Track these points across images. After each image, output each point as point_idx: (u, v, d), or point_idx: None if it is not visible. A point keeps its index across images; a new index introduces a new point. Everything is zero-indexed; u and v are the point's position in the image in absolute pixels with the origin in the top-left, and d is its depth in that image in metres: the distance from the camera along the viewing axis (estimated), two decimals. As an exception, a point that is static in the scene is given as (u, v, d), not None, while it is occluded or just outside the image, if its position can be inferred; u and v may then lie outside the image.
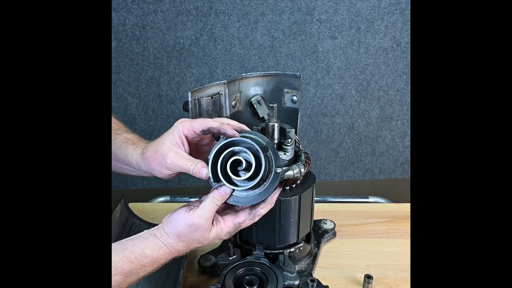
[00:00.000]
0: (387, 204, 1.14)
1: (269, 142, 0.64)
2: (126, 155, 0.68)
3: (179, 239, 0.63)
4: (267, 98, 0.82)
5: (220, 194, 0.63)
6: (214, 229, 0.64)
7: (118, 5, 1.23)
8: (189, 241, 0.63)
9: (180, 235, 0.63)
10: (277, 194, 0.66)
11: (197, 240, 0.63)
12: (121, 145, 0.70)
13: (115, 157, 0.70)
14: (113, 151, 0.70)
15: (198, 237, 0.63)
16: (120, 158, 0.69)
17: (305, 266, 0.82)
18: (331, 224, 0.93)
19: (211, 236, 0.64)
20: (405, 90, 1.42)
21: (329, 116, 1.44)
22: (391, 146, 1.51)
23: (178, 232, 0.63)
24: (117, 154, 0.70)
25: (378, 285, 0.79)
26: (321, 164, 1.53)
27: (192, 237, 0.63)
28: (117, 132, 0.73)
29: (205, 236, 0.63)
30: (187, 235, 0.63)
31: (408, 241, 0.90)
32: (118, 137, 0.71)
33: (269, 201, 0.65)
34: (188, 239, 0.63)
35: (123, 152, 0.69)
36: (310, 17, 1.29)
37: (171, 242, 0.63)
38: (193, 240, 0.63)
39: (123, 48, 1.28)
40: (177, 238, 0.63)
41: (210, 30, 1.28)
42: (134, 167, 0.69)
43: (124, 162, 0.70)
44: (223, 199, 0.63)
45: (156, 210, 1.02)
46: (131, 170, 0.71)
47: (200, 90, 0.73)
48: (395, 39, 1.34)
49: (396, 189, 1.53)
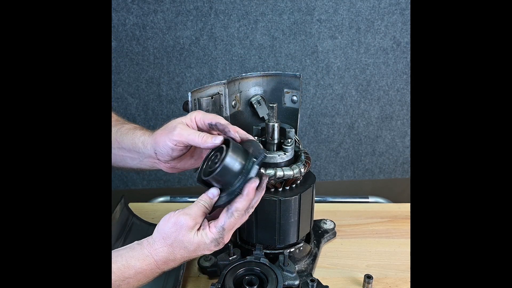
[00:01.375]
0: (387, 204, 1.14)
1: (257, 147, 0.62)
2: (133, 138, 0.68)
3: (164, 242, 0.61)
4: (267, 98, 0.82)
5: (207, 196, 0.62)
6: (199, 233, 0.61)
7: (118, 5, 1.23)
8: (174, 244, 0.61)
9: (166, 236, 0.61)
10: (254, 185, 0.60)
11: (181, 243, 0.61)
12: (129, 131, 0.70)
13: (118, 144, 0.69)
14: (117, 139, 0.69)
15: (182, 237, 0.60)
16: (125, 144, 0.69)
17: (305, 266, 0.82)
18: (331, 224, 0.93)
19: (195, 239, 0.60)
20: (405, 90, 1.42)
21: (329, 116, 1.44)
22: (391, 146, 1.51)
23: (164, 234, 0.61)
24: (122, 141, 0.69)
25: (378, 285, 0.79)
26: (321, 164, 1.53)
27: (177, 238, 0.60)
28: (124, 123, 0.74)
29: (189, 237, 0.60)
30: (172, 236, 0.60)
31: (408, 241, 0.90)
32: (126, 125, 0.72)
33: (245, 193, 0.60)
34: (173, 241, 0.60)
35: (131, 136, 0.69)
36: (310, 17, 1.29)
37: (156, 248, 0.61)
38: (178, 242, 0.61)
39: (123, 48, 1.28)
40: (162, 241, 0.61)
41: (210, 30, 1.28)
42: (139, 150, 0.67)
43: (128, 148, 0.69)
44: (210, 201, 0.62)
45: (156, 210, 1.02)
46: (132, 158, 0.70)
47: (200, 90, 0.73)
48: (395, 39, 1.34)
49: (396, 189, 1.53)
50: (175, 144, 0.63)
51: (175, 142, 0.63)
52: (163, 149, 0.64)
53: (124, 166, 0.73)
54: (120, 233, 0.88)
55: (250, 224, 0.76)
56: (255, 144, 0.63)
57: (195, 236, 0.61)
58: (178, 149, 0.64)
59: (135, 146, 0.68)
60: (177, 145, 0.64)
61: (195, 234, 0.61)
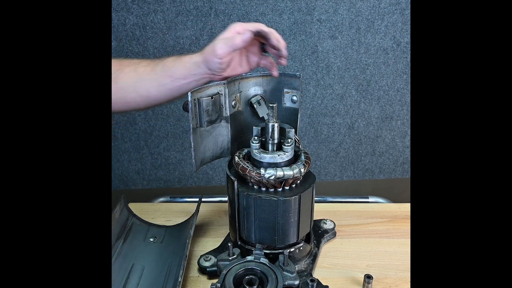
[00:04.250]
0: (387, 204, 1.14)
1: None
2: (184, 64, 0.76)
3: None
4: (267, 98, 0.82)
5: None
6: None
7: (118, 5, 1.23)
8: None
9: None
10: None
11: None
12: (175, 61, 0.77)
13: (171, 78, 0.76)
14: (167, 74, 0.77)
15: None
16: (179, 73, 0.76)
17: (305, 266, 0.82)
18: (331, 224, 0.93)
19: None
20: (405, 90, 1.42)
21: (329, 116, 1.44)
22: (391, 146, 1.51)
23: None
24: (175, 71, 0.76)
25: (378, 285, 0.79)
26: (321, 164, 1.53)
27: None
28: (159, 60, 0.80)
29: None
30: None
31: (408, 241, 0.90)
32: (165, 60, 0.78)
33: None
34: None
35: (180, 64, 0.76)
36: (310, 17, 1.29)
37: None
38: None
39: (123, 48, 1.28)
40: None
41: (210, 30, 1.28)
42: (194, 72, 0.75)
43: (183, 76, 0.76)
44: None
45: (156, 210, 1.02)
46: (189, 83, 0.76)
47: (200, 90, 0.73)
48: (395, 39, 1.34)
49: (396, 189, 1.54)
50: (220, 58, 0.72)
51: (220, 56, 0.72)
52: (213, 65, 0.73)
53: (181, 95, 0.79)
54: (120, 233, 0.88)
55: (250, 224, 0.76)
56: None
57: None
58: (225, 61, 0.73)
59: (189, 70, 0.75)
60: (222, 58, 0.72)
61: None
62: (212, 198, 1.11)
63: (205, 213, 0.99)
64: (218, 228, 0.94)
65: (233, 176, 0.75)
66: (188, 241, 0.79)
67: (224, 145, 0.82)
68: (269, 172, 0.71)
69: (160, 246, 0.87)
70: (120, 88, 0.79)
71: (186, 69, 0.75)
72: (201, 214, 0.95)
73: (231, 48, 0.72)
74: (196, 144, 0.76)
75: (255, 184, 0.74)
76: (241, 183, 0.76)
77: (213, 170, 1.52)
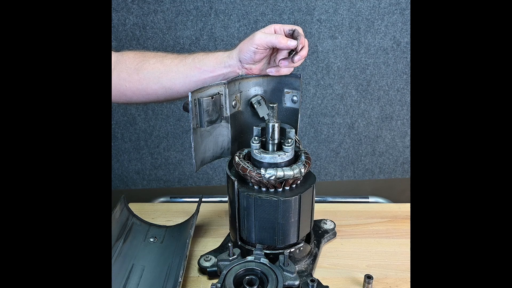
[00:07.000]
0: (387, 204, 1.14)
1: None
2: (217, 58, 0.78)
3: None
4: (267, 98, 0.82)
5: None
6: None
7: (118, 5, 1.23)
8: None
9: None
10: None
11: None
12: (208, 55, 0.79)
13: (199, 70, 0.78)
14: (196, 66, 0.78)
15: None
16: (208, 66, 0.77)
17: (305, 266, 0.82)
18: (331, 224, 0.93)
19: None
20: (405, 90, 1.42)
21: (329, 116, 1.44)
22: (391, 146, 1.51)
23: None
24: (204, 64, 0.78)
25: (378, 285, 0.79)
26: (321, 164, 1.53)
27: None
28: (188, 54, 0.81)
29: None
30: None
31: (408, 241, 0.90)
32: (197, 54, 0.80)
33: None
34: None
35: (213, 57, 0.78)
36: (310, 17, 1.29)
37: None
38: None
39: (123, 48, 1.28)
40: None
41: (210, 30, 1.28)
42: (224, 65, 0.77)
43: (211, 69, 0.77)
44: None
45: (156, 210, 1.02)
46: (214, 77, 0.78)
47: (200, 90, 0.73)
48: (395, 39, 1.34)
49: (396, 189, 1.54)
50: (256, 48, 0.73)
51: (256, 46, 0.73)
52: (247, 54, 0.74)
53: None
54: (120, 233, 0.88)
55: (250, 224, 0.76)
56: None
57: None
58: (259, 52, 0.74)
59: (219, 63, 0.77)
60: (258, 48, 0.74)
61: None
62: (212, 198, 1.11)
63: (205, 213, 0.99)
64: (218, 228, 0.94)
65: (233, 176, 0.75)
66: (188, 241, 0.79)
67: (225, 145, 0.82)
68: (269, 172, 0.71)
69: (160, 246, 0.87)
70: (143, 79, 0.80)
71: (217, 61, 0.77)
72: (201, 214, 0.95)
73: (269, 42, 0.73)
74: (197, 144, 0.76)
75: (256, 184, 0.74)
76: (241, 183, 0.76)
77: (213, 170, 1.52)
